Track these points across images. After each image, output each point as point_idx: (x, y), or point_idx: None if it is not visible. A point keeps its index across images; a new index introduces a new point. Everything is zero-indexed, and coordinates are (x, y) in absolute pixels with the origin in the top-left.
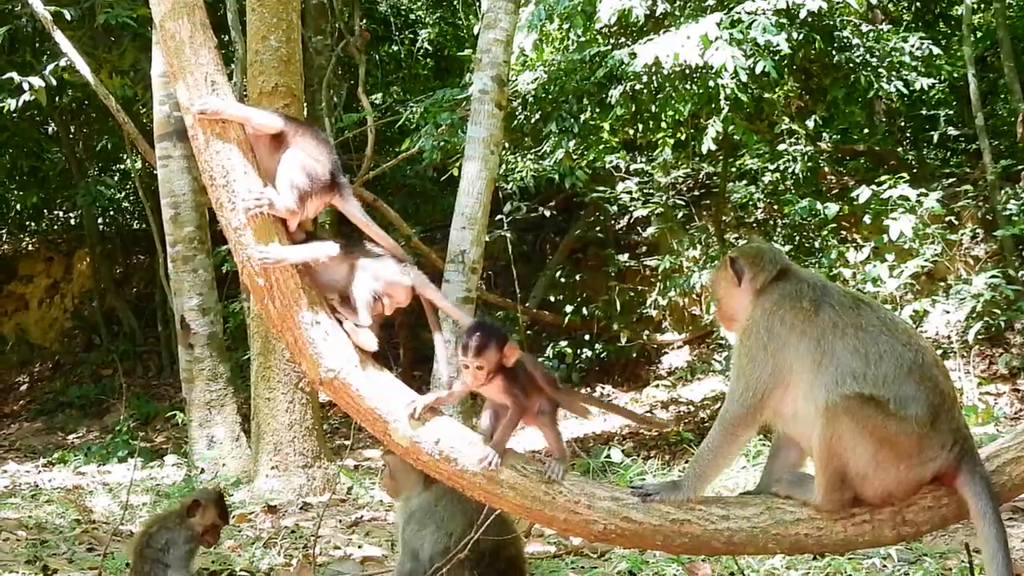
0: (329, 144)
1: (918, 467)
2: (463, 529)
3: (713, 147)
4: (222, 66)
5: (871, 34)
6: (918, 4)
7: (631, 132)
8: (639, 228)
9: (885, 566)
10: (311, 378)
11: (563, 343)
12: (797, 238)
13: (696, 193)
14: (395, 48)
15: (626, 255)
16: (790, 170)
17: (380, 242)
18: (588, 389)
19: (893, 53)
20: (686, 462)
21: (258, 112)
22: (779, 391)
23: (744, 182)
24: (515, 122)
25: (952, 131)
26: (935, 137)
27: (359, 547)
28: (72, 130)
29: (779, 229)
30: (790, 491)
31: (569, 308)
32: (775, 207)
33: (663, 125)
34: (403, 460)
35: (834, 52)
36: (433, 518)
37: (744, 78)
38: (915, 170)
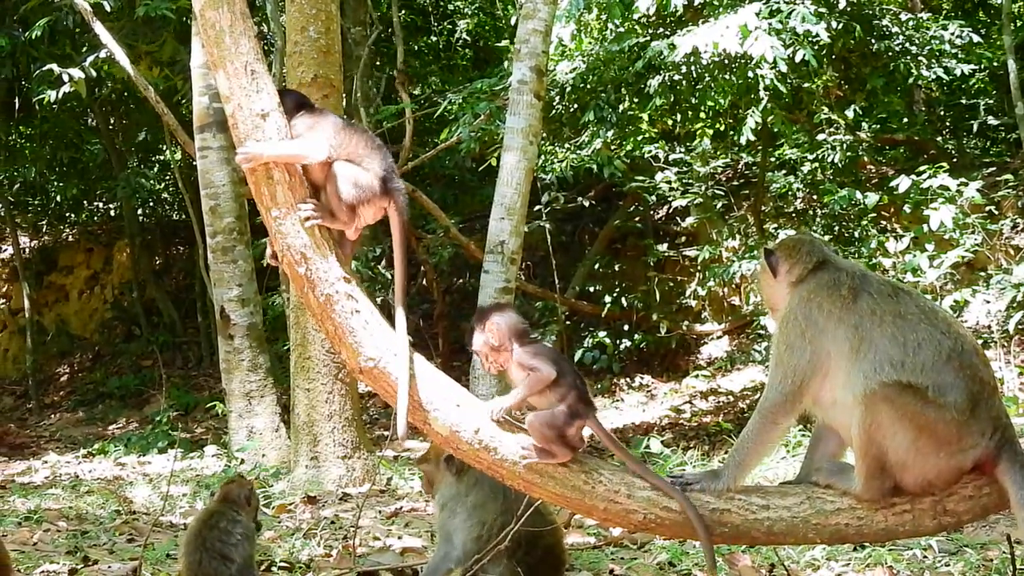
0: (381, 149)
1: (958, 455)
2: (495, 517)
3: (752, 137)
4: (262, 55)
5: (910, 22)
6: None
7: (670, 122)
8: (678, 218)
9: (926, 557)
10: (351, 367)
11: (602, 333)
12: (836, 228)
13: (735, 183)
14: (433, 39)
15: (665, 245)
16: (829, 160)
17: (396, 265)
18: (627, 379)
19: (932, 41)
20: (725, 452)
21: (303, 145)
22: (817, 379)
23: (783, 172)
24: (553, 112)
25: (992, 120)
26: (975, 126)
27: (399, 538)
28: (112, 121)
29: (818, 219)
30: (830, 480)
31: (608, 298)
32: (814, 197)
33: (702, 115)
34: (436, 465)
35: (873, 41)
36: (464, 506)
37: (783, 68)
38: (955, 159)
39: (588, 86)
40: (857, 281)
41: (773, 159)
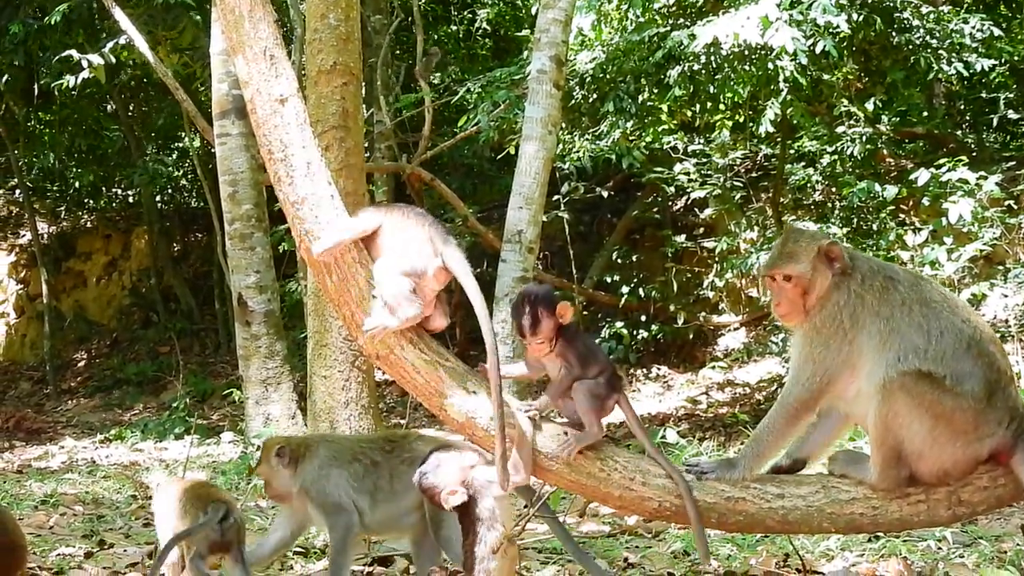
0: (424, 219)
1: (974, 444)
2: (354, 458)
3: (771, 129)
4: (281, 40)
5: (931, 15)
6: None
7: (689, 113)
8: (696, 209)
9: (940, 548)
10: (367, 352)
11: (619, 324)
12: (855, 220)
13: (754, 175)
14: (453, 28)
15: (683, 236)
16: (848, 152)
17: (474, 303)
18: (644, 370)
19: (953, 35)
20: (741, 443)
21: (352, 226)
22: (846, 375)
23: (802, 164)
24: (573, 102)
25: (1012, 114)
26: (995, 120)
27: None
28: (131, 108)
29: (837, 211)
30: (845, 470)
31: (626, 289)
32: (833, 189)
33: (721, 106)
34: (269, 463)
35: (894, 33)
36: (326, 471)
37: (803, 59)
38: (974, 153)
39: (608, 76)
40: (887, 272)
41: (792, 151)
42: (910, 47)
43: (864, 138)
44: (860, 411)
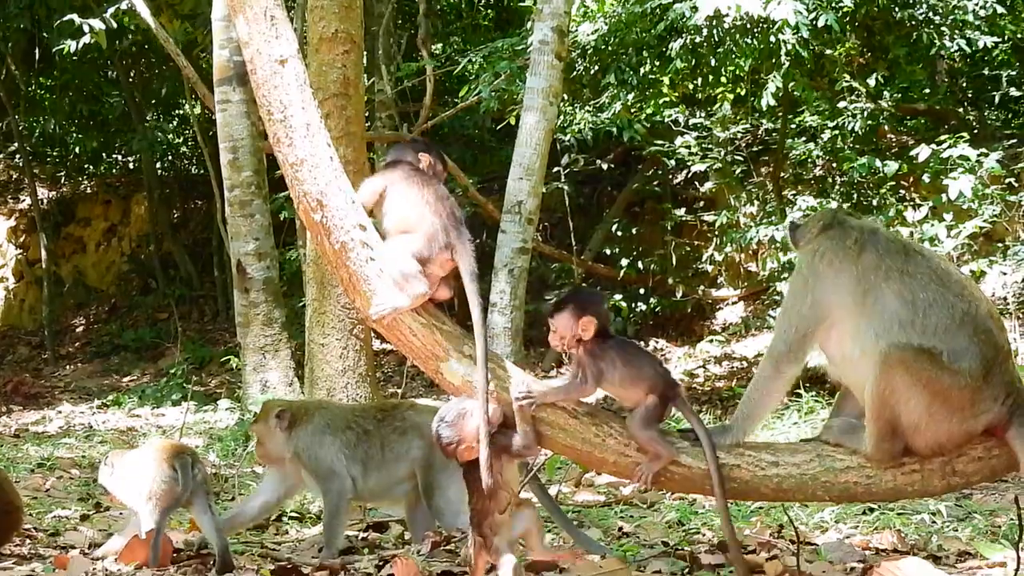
0: (443, 204)
1: (970, 420)
2: (348, 427)
3: (773, 103)
4: (281, 1)
5: None
6: None
7: (690, 86)
8: (696, 183)
9: (934, 522)
10: (364, 315)
11: (618, 296)
12: (855, 196)
13: (755, 149)
14: None
15: (683, 210)
16: (850, 127)
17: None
18: (643, 343)
19: (956, 11)
20: None
21: (361, 196)
22: (822, 328)
23: (803, 139)
24: (574, 74)
25: (1014, 92)
26: (997, 98)
27: None
28: (132, 74)
29: (837, 187)
30: (840, 439)
31: (624, 261)
32: (834, 164)
33: (723, 80)
34: (267, 424)
35: (897, 9)
36: (320, 436)
37: (805, 33)
38: (976, 130)
39: (609, 48)
40: (865, 236)
41: (793, 126)
42: (913, 23)
43: (865, 114)
44: (851, 378)
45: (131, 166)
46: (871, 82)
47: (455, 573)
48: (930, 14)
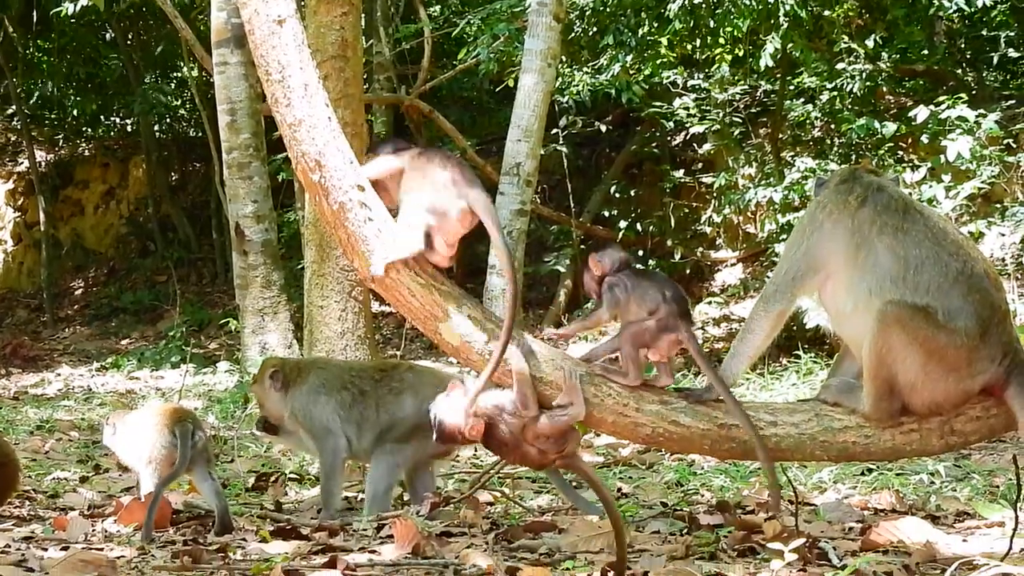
0: (448, 161)
1: (967, 379)
2: (344, 386)
3: (771, 64)
4: None
5: None
6: None
7: (689, 47)
8: (695, 144)
9: (933, 482)
10: (362, 275)
11: None
12: (854, 157)
13: (753, 110)
14: None
15: (681, 171)
16: (848, 89)
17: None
18: None
19: None
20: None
21: (377, 167)
22: (816, 276)
23: (801, 100)
24: (572, 35)
25: (1013, 53)
26: (995, 59)
27: None
28: (130, 36)
29: (835, 148)
30: (838, 399)
31: (623, 223)
32: (832, 126)
33: (721, 41)
34: (263, 388)
35: None
36: (315, 396)
37: None
38: (974, 91)
39: (608, 9)
40: (869, 192)
41: (792, 87)
42: None
43: (864, 75)
44: (847, 333)
45: (129, 129)
46: (869, 43)
47: (453, 533)
48: None
